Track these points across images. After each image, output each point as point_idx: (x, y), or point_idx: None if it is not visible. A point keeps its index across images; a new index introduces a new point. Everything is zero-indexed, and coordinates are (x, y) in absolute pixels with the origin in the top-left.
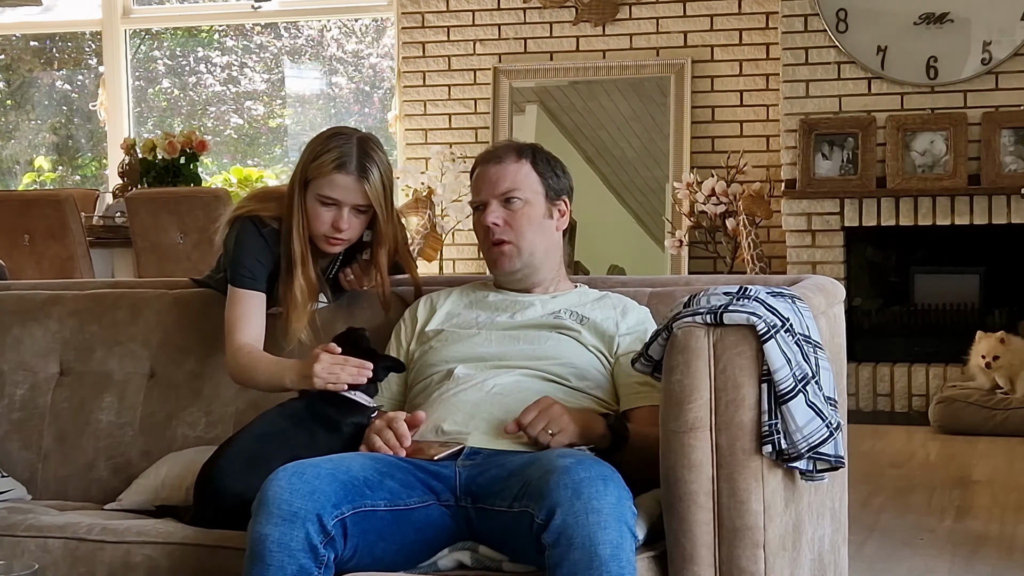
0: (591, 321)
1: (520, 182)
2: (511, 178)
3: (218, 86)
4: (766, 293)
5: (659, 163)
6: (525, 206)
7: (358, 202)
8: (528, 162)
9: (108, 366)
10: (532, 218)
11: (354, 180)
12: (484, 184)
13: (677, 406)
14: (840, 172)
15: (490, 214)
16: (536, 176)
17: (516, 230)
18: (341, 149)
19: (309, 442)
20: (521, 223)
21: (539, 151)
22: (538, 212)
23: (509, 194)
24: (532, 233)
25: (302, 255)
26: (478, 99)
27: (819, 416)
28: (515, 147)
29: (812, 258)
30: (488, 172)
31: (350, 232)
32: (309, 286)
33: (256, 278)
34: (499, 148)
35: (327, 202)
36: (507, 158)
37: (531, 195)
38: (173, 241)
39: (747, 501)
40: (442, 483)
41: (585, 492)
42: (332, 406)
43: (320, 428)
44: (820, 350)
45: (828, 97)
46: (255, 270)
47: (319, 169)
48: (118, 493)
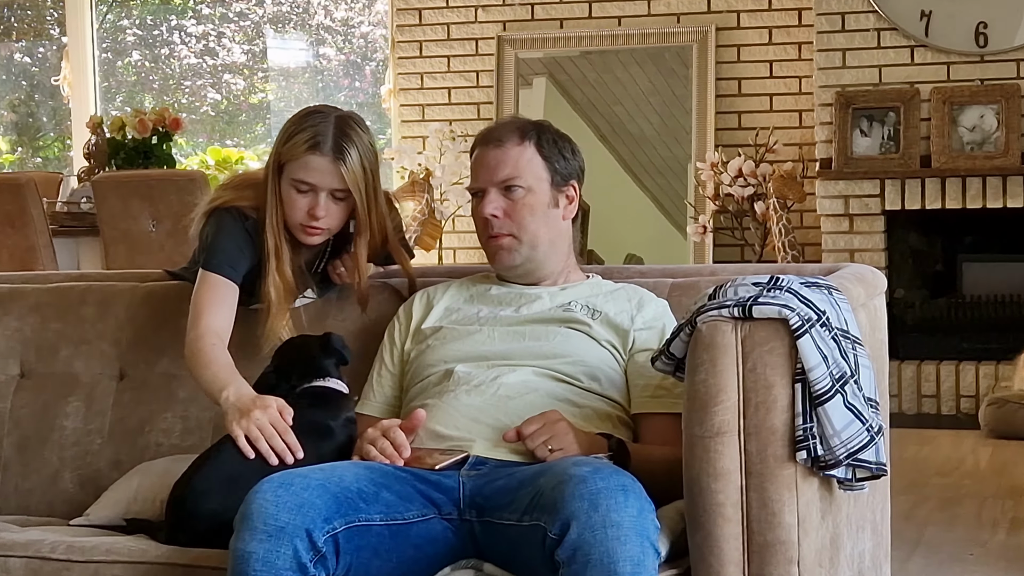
0: (604, 315)
1: (522, 168)
2: (512, 164)
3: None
4: (800, 283)
5: (680, 141)
6: (527, 195)
7: (334, 186)
8: (532, 144)
9: (74, 367)
10: (535, 208)
11: (329, 162)
12: (482, 170)
13: (702, 409)
14: (880, 150)
15: (488, 204)
16: (541, 160)
17: (517, 222)
18: (316, 128)
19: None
20: (522, 214)
21: (545, 131)
22: (542, 201)
23: (509, 182)
24: (535, 225)
25: (276, 249)
26: (480, 71)
27: (859, 419)
28: (518, 127)
29: (850, 245)
30: (487, 156)
31: (329, 220)
32: (284, 284)
33: (235, 267)
34: (499, 128)
35: (302, 187)
36: (508, 140)
37: (534, 182)
38: (144, 229)
39: (779, 513)
40: (444, 495)
41: (603, 504)
42: (320, 408)
43: (307, 437)
44: (860, 346)
45: (867, 67)
46: (235, 260)
47: (292, 151)
48: (85, 507)
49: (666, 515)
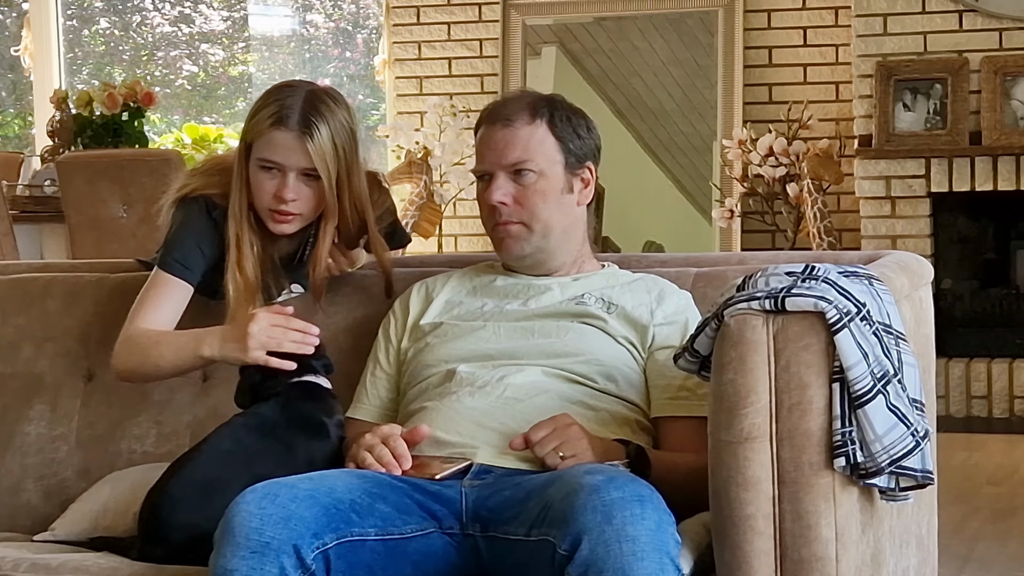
0: (621, 308)
1: (533, 150)
2: (522, 145)
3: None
4: (837, 273)
5: (705, 117)
6: (539, 180)
7: (302, 165)
8: (544, 123)
9: (37, 367)
10: (547, 194)
11: (294, 137)
12: (489, 151)
13: (730, 412)
14: (925, 126)
15: (496, 190)
16: (554, 140)
17: (528, 209)
18: (283, 102)
19: (284, 456)
20: (534, 201)
21: (558, 106)
22: (555, 186)
23: (519, 165)
24: (547, 212)
25: (237, 239)
26: (484, 40)
27: (902, 422)
28: (528, 103)
29: (892, 231)
30: (494, 136)
31: (300, 204)
32: (244, 280)
33: (189, 267)
34: (508, 104)
35: (267, 166)
36: (518, 119)
37: (546, 166)
38: (114, 214)
39: (815, 526)
40: (445, 507)
41: (618, 516)
42: (315, 402)
43: (300, 434)
44: (903, 342)
45: (910, 35)
46: (191, 257)
47: (257, 127)
48: (50, 521)
49: (689, 529)
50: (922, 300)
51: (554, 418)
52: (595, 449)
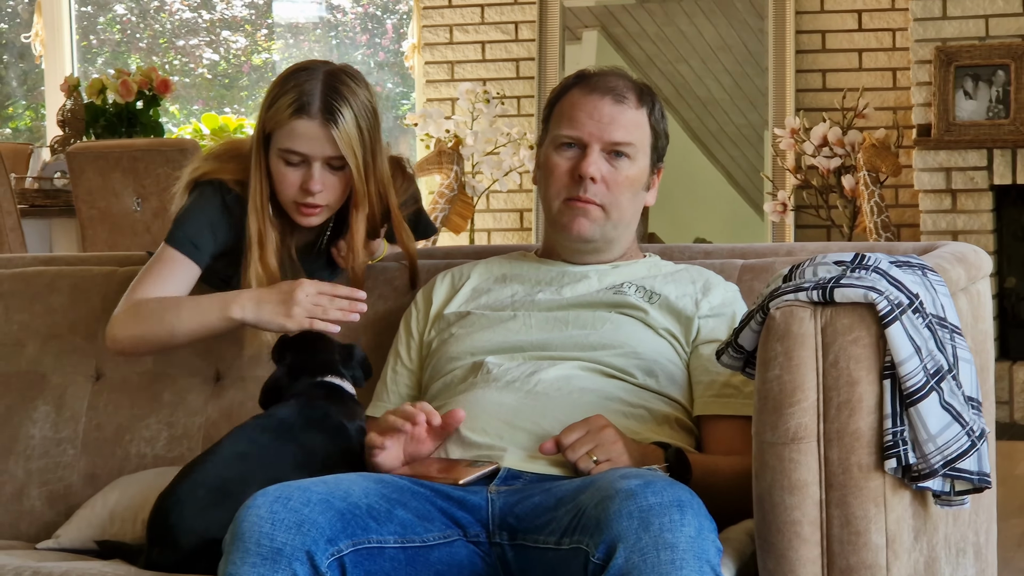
0: (663, 298)
1: (638, 136)
2: (631, 127)
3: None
4: (889, 262)
5: (756, 105)
6: (632, 167)
7: (328, 154)
8: (647, 113)
9: (42, 365)
10: (634, 184)
11: (318, 126)
12: (591, 120)
13: (775, 411)
14: (988, 115)
15: (591, 163)
16: (650, 133)
17: (613, 193)
18: (301, 88)
19: (300, 459)
20: (621, 188)
21: (657, 99)
22: (640, 179)
23: (621, 147)
24: (627, 201)
25: (259, 236)
26: (520, 23)
27: (957, 421)
28: (636, 87)
29: (952, 226)
30: (602, 107)
31: (327, 195)
32: (268, 276)
33: (199, 247)
34: (612, 77)
35: (292, 159)
36: (629, 97)
37: (641, 156)
38: (127, 208)
39: (865, 532)
40: (470, 513)
41: (656, 522)
42: (336, 404)
43: (317, 436)
44: (959, 336)
45: (972, 18)
46: (201, 237)
47: (276, 116)
48: (55, 528)
49: (732, 536)
50: (980, 294)
51: (587, 420)
52: (631, 453)
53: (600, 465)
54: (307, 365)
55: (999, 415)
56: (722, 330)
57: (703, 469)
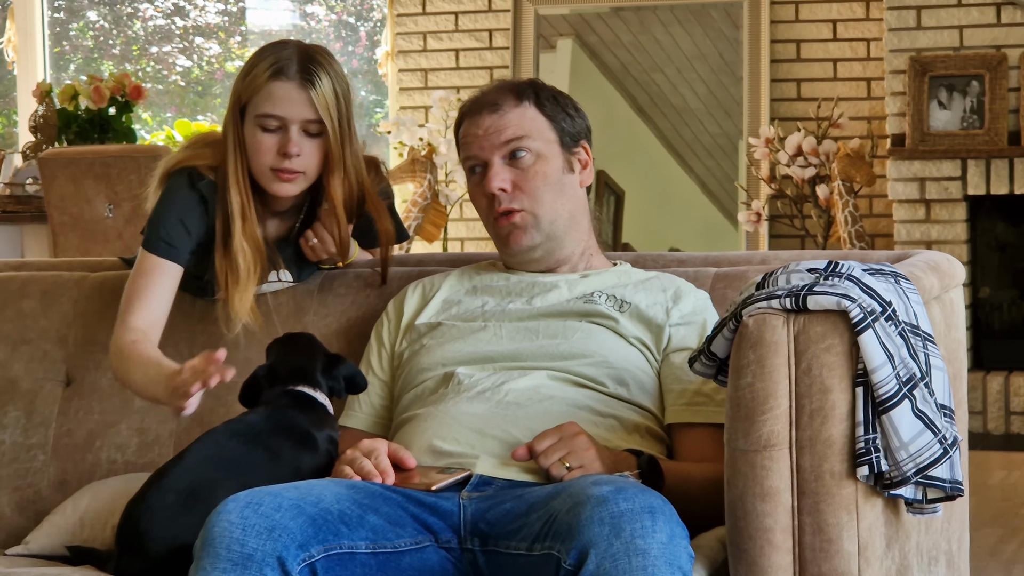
0: (633, 307)
1: (527, 128)
2: (515, 124)
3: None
4: (862, 270)
5: (731, 114)
6: (538, 161)
7: (305, 116)
8: (531, 104)
9: (12, 371)
10: (549, 175)
11: (296, 87)
12: (478, 139)
13: (747, 418)
14: (962, 125)
15: (493, 178)
16: (544, 120)
17: (530, 193)
18: (278, 55)
19: (269, 463)
20: (535, 184)
21: (541, 88)
22: (555, 166)
23: (516, 145)
24: (551, 195)
25: (241, 207)
26: (494, 30)
27: (930, 429)
28: (510, 87)
29: (927, 236)
30: (481, 123)
31: (305, 160)
32: (254, 247)
33: (175, 245)
34: (489, 92)
35: (269, 124)
36: (504, 102)
37: (543, 144)
38: (100, 214)
39: (837, 540)
40: (442, 519)
41: (627, 528)
42: (305, 412)
43: (285, 442)
44: (931, 344)
45: (946, 29)
46: (175, 235)
47: (253, 83)
48: (24, 534)
49: (704, 543)
50: (953, 302)
51: (560, 427)
52: (604, 460)
53: (573, 472)
54: (284, 369)
55: (972, 425)
56: (693, 338)
57: (675, 476)
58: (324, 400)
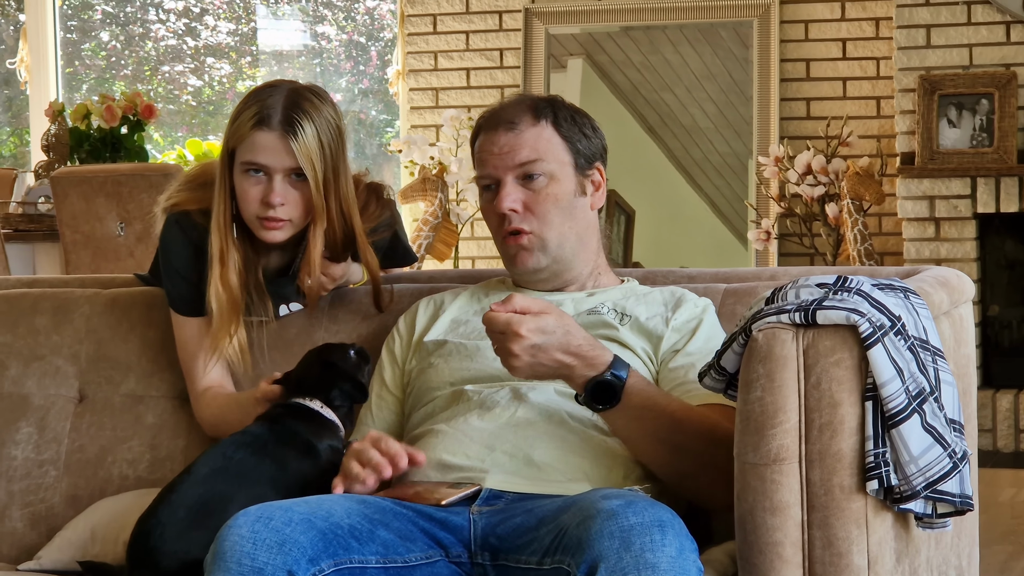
0: (634, 319)
1: (542, 150)
2: (530, 146)
3: (172, 40)
4: (871, 285)
5: (740, 134)
6: (550, 183)
7: (287, 165)
8: (549, 123)
9: (25, 387)
10: (560, 198)
11: (277, 137)
12: (493, 156)
13: (757, 432)
14: (971, 143)
15: (505, 198)
16: (560, 141)
17: (539, 216)
18: (264, 103)
19: (277, 473)
20: (546, 207)
21: (560, 106)
22: (567, 189)
23: (529, 168)
24: (560, 218)
25: (220, 253)
26: (505, 50)
27: (939, 443)
28: (529, 104)
29: (936, 254)
30: (497, 141)
31: (288, 208)
32: (228, 295)
33: (188, 300)
34: (508, 108)
35: (252, 172)
36: (521, 120)
37: (557, 167)
38: (111, 233)
39: (847, 554)
40: (452, 534)
41: (637, 542)
42: (302, 422)
43: (290, 452)
44: (941, 359)
45: (955, 47)
46: (181, 291)
47: (239, 131)
48: (37, 549)
49: (713, 557)
50: (962, 318)
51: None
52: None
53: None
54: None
55: (982, 443)
56: (682, 341)
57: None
58: (324, 410)
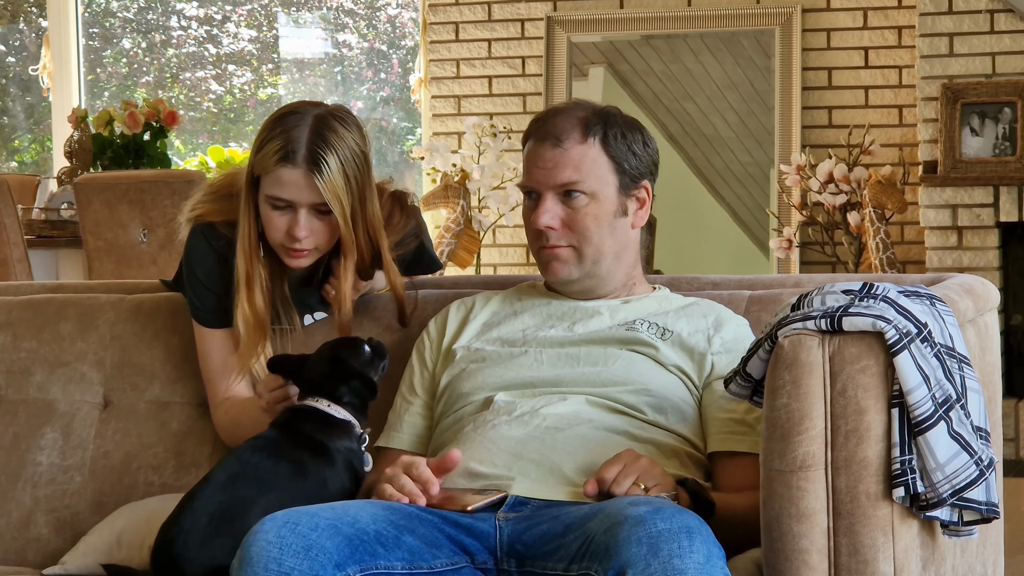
0: (676, 335)
1: (585, 171)
2: (573, 166)
3: (194, 46)
4: (897, 292)
5: (761, 143)
6: (590, 203)
7: (312, 201)
8: (597, 141)
9: (49, 393)
10: (600, 217)
11: (302, 175)
12: (537, 169)
13: (783, 439)
14: (994, 152)
15: (543, 214)
16: (607, 160)
17: (578, 233)
18: (289, 135)
19: (295, 474)
20: (585, 224)
21: (613, 122)
22: (607, 210)
23: (570, 187)
24: (599, 237)
25: (247, 277)
26: (527, 57)
27: (966, 450)
28: (580, 119)
29: (959, 262)
30: (543, 155)
31: (313, 239)
32: (255, 317)
33: (211, 311)
34: (559, 119)
35: (278, 204)
36: (568, 137)
37: (599, 187)
38: (134, 239)
39: (873, 561)
40: (478, 540)
41: (665, 549)
42: (312, 424)
43: (306, 454)
44: (967, 366)
45: (978, 56)
46: (205, 302)
47: (264, 163)
48: (61, 554)
49: (740, 565)
50: (988, 326)
51: (619, 455)
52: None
53: (651, 491)
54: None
55: (1006, 452)
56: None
57: (727, 506)
58: (336, 411)
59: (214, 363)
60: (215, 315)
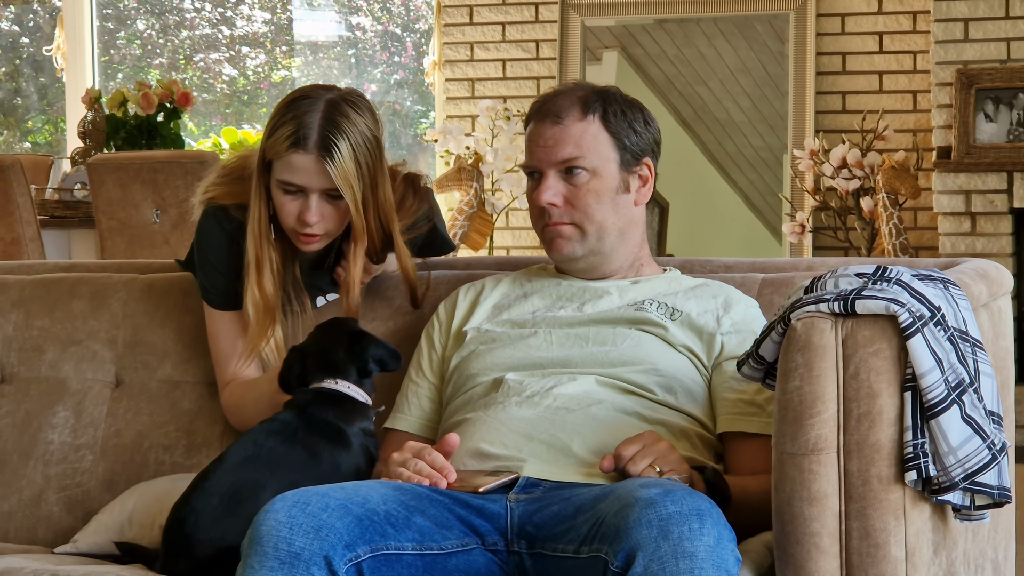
0: (685, 315)
1: (586, 147)
2: (573, 142)
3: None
4: (911, 275)
5: (775, 128)
6: (592, 179)
7: (324, 186)
8: (597, 118)
9: (61, 371)
10: (601, 193)
11: (314, 160)
12: (538, 148)
13: (795, 422)
14: (1008, 138)
15: (546, 191)
16: (608, 136)
17: (581, 209)
18: (300, 120)
19: (309, 460)
20: (587, 201)
21: (612, 100)
22: (609, 185)
23: (570, 163)
24: (602, 213)
25: (256, 260)
26: (540, 41)
27: (978, 434)
28: (580, 97)
29: (972, 248)
30: (543, 133)
31: (324, 224)
32: (264, 300)
33: (222, 293)
34: (558, 99)
35: (289, 188)
36: (567, 115)
37: (600, 163)
38: (147, 219)
39: (884, 545)
40: (489, 521)
41: (675, 531)
42: (332, 409)
43: (320, 440)
44: (980, 351)
45: (993, 41)
46: (216, 284)
47: (275, 147)
48: (73, 533)
49: (751, 548)
50: (1001, 310)
51: (641, 435)
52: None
53: (665, 475)
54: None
55: (1017, 439)
56: (744, 346)
57: (742, 491)
58: (353, 391)
59: (223, 345)
60: (225, 297)
